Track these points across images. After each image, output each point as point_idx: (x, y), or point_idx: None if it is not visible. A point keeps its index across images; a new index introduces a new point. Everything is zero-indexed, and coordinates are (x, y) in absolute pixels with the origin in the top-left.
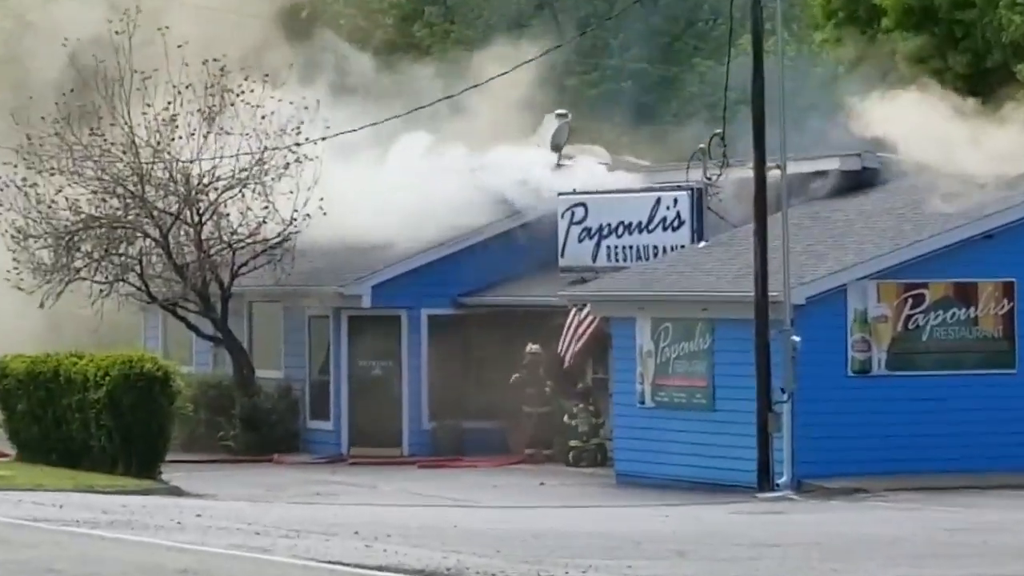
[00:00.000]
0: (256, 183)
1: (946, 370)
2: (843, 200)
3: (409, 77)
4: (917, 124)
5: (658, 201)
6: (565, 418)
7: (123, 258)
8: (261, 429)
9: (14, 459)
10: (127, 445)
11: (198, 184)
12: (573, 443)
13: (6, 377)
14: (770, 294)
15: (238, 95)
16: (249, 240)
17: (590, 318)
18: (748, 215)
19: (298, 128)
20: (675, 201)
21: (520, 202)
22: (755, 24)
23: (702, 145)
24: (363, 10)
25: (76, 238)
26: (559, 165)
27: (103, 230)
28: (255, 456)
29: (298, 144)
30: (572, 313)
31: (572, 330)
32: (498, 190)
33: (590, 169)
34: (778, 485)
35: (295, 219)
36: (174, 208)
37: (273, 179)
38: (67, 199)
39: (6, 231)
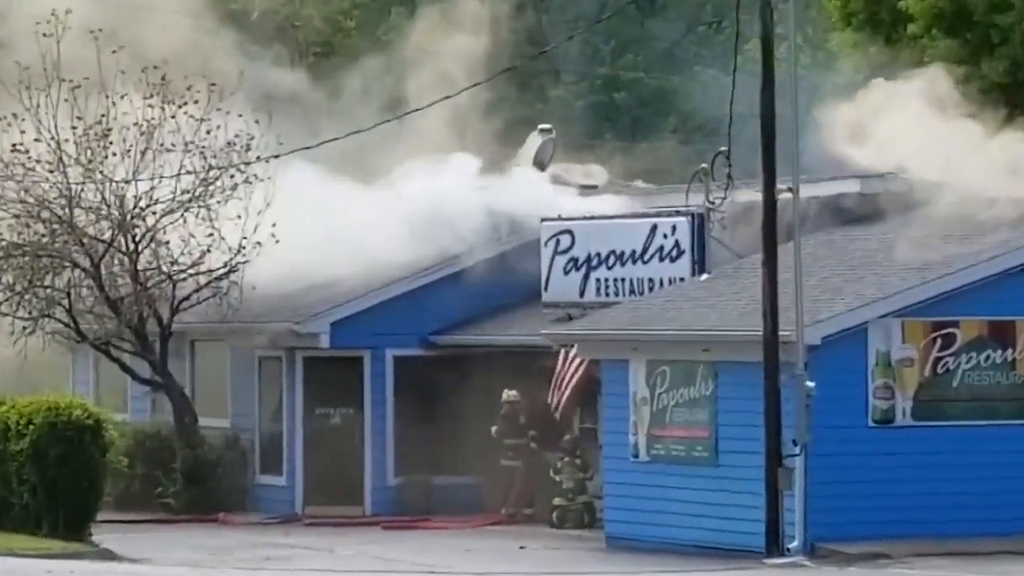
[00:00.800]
0: (200, 206)
1: (980, 420)
2: (863, 227)
3: (364, 80)
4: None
5: (654, 228)
6: (550, 472)
7: (49, 291)
8: (205, 485)
9: None
10: (53, 503)
11: (134, 207)
12: (557, 501)
13: None
14: (781, 333)
15: (180, 106)
16: (192, 271)
17: (578, 360)
18: (756, 244)
19: (248, 144)
20: (674, 228)
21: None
22: (764, 27)
23: (704, 165)
24: (322, 12)
25: None
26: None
27: (26, 259)
28: (198, 515)
29: (247, 163)
30: (562, 355)
31: (563, 375)
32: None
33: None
34: (789, 550)
35: (244, 247)
36: (107, 235)
37: (219, 202)
38: None
39: None
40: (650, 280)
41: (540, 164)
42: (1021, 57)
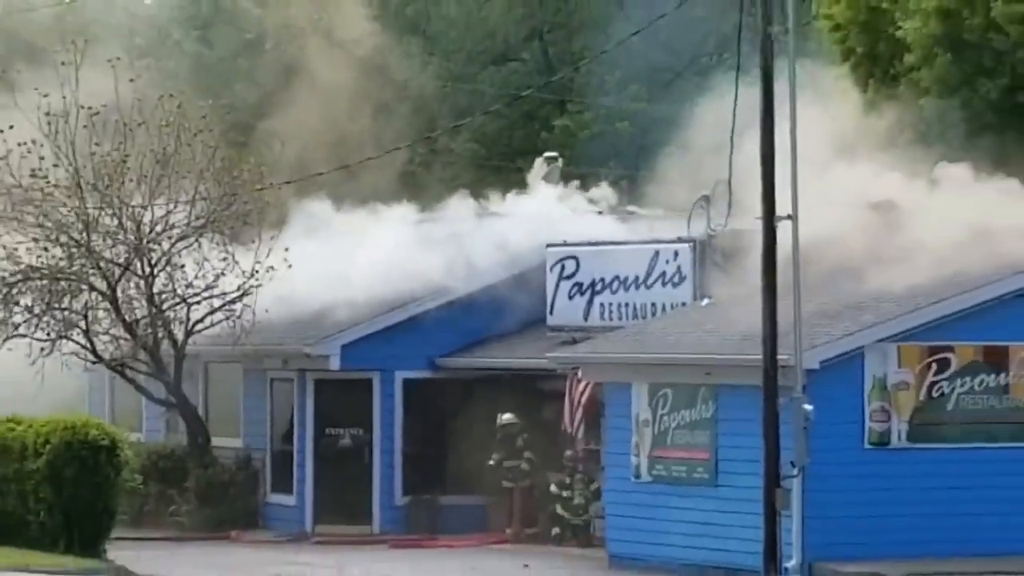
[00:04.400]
0: (214, 231)
1: (974, 443)
2: (858, 252)
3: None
4: None
5: (657, 254)
6: (552, 488)
7: (66, 313)
8: (217, 503)
9: None
10: (69, 521)
11: (150, 232)
12: (561, 514)
13: None
14: (780, 358)
15: (195, 134)
16: (205, 294)
17: (584, 383)
18: (755, 270)
19: (261, 172)
20: (676, 254)
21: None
22: (764, 60)
23: (705, 193)
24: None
25: (15, 291)
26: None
27: (45, 282)
28: (210, 533)
29: (261, 188)
30: (570, 378)
31: (573, 398)
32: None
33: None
34: (786, 569)
35: (257, 271)
36: (123, 258)
37: (233, 227)
38: (4, 248)
39: None
40: (652, 305)
41: None
42: (1014, 84)
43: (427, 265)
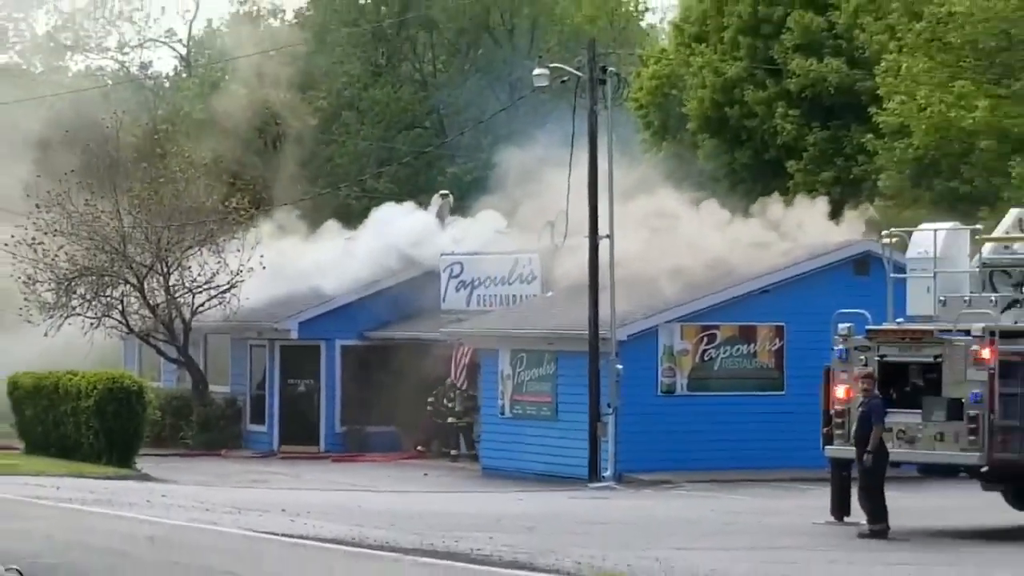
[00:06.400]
0: (211, 243)
1: (732, 392)
2: (654, 261)
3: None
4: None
5: (516, 261)
6: (444, 401)
7: (108, 299)
8: (212, 430)
9: (22, 452)
10: (110, 442)
11: (167, 244)
12: (451, 421)
13: (17, 389)
14: (600, 333)
15: (198, 177)
16: (205, 287)
17: (465, 348)
18: (585, 272)
19: (247, 202)
20: (529, 260)
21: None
22: (591, 129)
23: (551, 219)
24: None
25: (73, 283)
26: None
27: (94, 277)
28: (207, 451)
29: (243, 210)
30: (456, 346)
31: (459, 360)
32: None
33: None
34: (604, 477)
35: (241, 271)
36: (149, 262)
37: (225, 240)
38: (66, 253)
39: (19, 278)
40: (513, 296)
41: (441, 218)
42: (761, 149)
43: (354, 267)
